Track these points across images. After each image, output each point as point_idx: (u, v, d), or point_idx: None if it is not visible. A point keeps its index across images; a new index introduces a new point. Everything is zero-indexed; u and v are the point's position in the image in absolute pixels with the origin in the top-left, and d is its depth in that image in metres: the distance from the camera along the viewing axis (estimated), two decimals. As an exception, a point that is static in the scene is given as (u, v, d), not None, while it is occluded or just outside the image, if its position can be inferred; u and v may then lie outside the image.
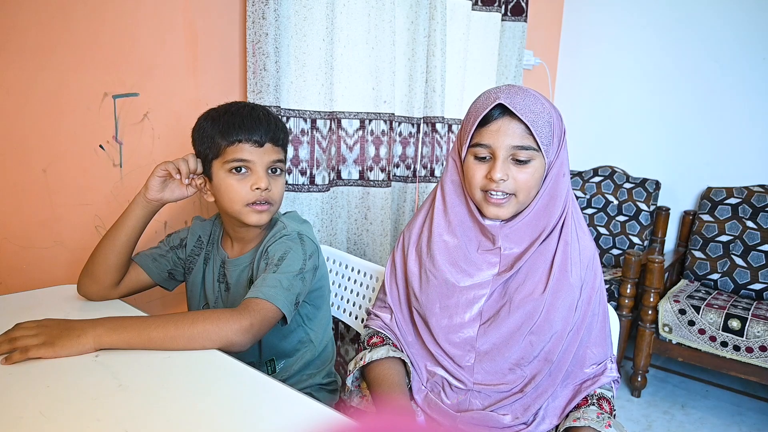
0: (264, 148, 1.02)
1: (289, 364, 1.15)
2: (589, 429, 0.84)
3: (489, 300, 0.92)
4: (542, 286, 0.89)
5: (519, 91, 0.87)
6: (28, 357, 0.78)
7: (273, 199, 1.05)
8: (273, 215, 1.08)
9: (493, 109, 0.87)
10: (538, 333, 0.88)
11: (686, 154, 2.65)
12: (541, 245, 0.91)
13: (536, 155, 0.87)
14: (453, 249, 0.95)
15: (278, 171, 1.06)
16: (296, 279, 0.99)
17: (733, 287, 2.29)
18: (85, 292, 1.05)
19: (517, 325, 0.89)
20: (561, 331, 0.89)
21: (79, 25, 1.21)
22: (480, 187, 0.90)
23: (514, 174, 0.87)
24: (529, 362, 0.90)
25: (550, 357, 0.89)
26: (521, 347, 0.89)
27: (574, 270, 0.89)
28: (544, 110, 0.87)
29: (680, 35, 2.62)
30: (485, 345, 0.91)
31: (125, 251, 1.05)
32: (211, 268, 1.14)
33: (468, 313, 0.92)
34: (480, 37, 2.12)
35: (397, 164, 1.93)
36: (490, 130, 0.87)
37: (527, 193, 0.89)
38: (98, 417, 0.67)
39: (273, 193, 1.04)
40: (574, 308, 0.89)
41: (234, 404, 0.72)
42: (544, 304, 0.88)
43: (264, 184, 1.01)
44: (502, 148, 0.86)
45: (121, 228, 1.04)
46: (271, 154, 1.04)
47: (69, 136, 1.23)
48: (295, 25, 1.52)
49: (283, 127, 1.08)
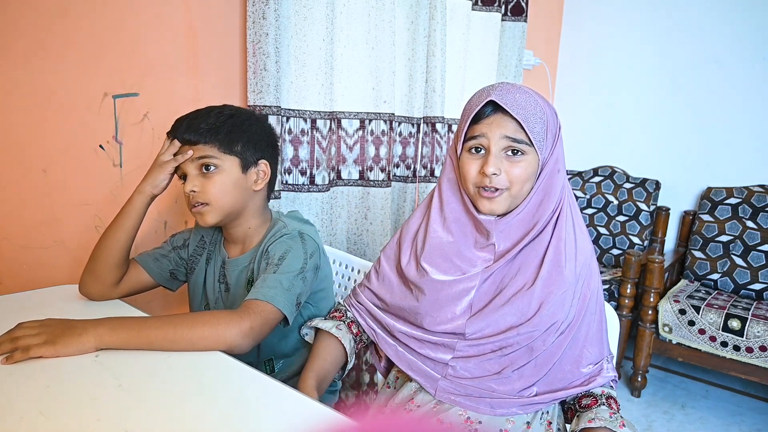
0: (196, 148, 1.01)
1: (288, 364, 1.15)
2: (605, 430, 0.84)
3: (478, 292, 0.93)
4: (533, 280, 0.89)
5: (512, 89, 0.88)
6: (29, 356, 0.79)
7: (206, 199, 1.01)
8: (221, 214, 1.04)
9: (485, 106, 0.88)
10: (529, 325, 0.88)
11: (686, 154, 2.65)
12: (534, 240, 0.91)
13: (529, 150, 0.88)
14: (447, 245, 0.95)
15: (212, 168, 1.01)
16: (297, 279, 0.99)
17: (733, 287, 2.29)
18: (87, 291, 1.05)
19: (507, 317, 0.89)
20: (548, 324, 0.89)
21: (80, 25, 1.21)
22: (474, 183, 0.91)
23: (507, 168, 0.88)
24: (514, 350, 0.90)
25: (535, 347, 0.89)
26: (506, 335, 0.90)
27: (568, 265, 0.89)
28: (537, 107, 0.88)
29: (680, 35, 2.62)
30: (474, 333, 0.92)
31: (126, 247, 1.06)
32: (213, 269, 1.14)
33: (458, 306, 0.93)
34: (480, 37, 2.12)
35: (397, 164, 1.93)
36: (484, 123, 0.89)
37: (520, 186, 0.89)
38: (98, 417, 0.67)
39: (203, 194, 1.01)
40: (569, 304, 0.89)
41: (234, 404, 0.72)
42: (536, 297, 0.88)
43: (188, 188, 1.01)
44: (495, 138, 0.87)
45: (124, 224, 1.04)
46: (199, 152, 1.01)
47: (69, 136, 1.23)
48: (295, 25, 1.52)
49: (228, 122, 1.03)
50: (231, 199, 1.04)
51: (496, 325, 0.90)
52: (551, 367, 0.91)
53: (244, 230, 1.10)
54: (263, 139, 1.09)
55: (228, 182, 1.02)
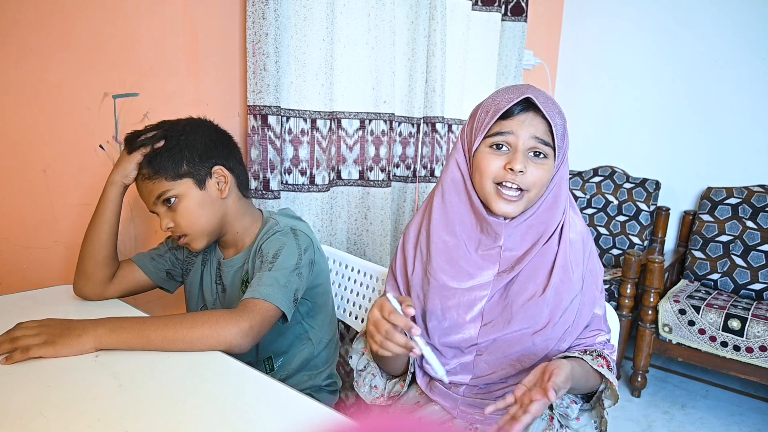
0: (152, 184, 1.00)
1: (287, 361, 1.15)
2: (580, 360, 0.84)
3: (490, 301, 0.92)
4: (542, 288, 0.89)
5: (540, 91, 0.88)
6: (29, 356, 0.79)
7: (182, 231, 1.02)
8: (204, 236, 1.04)
9: (516, 104, 0.87)
10: (542, 333, 0.88)
11: (686, 154, 2.65)
12: (543, 248, 0.91)
13: (550, 154, 0.88)
14: (452, 249, 0.94)
15: (172, 200, 1.00)
16: (293, 275, 0.99)
17: (733, 287, 2.29)
18: (80, 291, 1.06)
19: (520, 326, 0.89)
20: (561, 331, 0.89)
21: (79, 25, 1.20)
22: (494, 178, 0.88)
23: (531, 169, 0.87)
24: (530, 361, 0.90)
25: (550, 355, 0.90)
26: (524, 346, 0.89)
27: (576, 270, 0.90)
28: (560, 112, 0.89)
29: (680, 35, 2.62)
30: (487, 343, 0.91)
31: (111, 242, 1.05)
32: (209, 270, 1.15)
33: (469, 313, 0.92)
34: (480, 37, 2.12)
35: (397, 164, 1.93)
36: (514, 120, 0.87)
37: (538, 190, 0.88)
38: (98, 417, 0.67)
39: (178, 227, 1.02)
40: (576, 307, 0.90)
41: (234, 404, 0.72)
42: (548, 305, 0.88)
43: (163, 227, 1.02)
44: (525, 139, 0.86)
45: (102, 216, 1.04)
46: (155, 189, 1.00)
47: (69, 136, 1.23)
48: (295, 25, 1.52)
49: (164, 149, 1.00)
50: (204, 219, 1.03)
51: (510, 335, 0.89)
52: None
53: (233, 234, 1.10)
54: (206, 144, 1.04)
55: (192, 206, 1.01)
